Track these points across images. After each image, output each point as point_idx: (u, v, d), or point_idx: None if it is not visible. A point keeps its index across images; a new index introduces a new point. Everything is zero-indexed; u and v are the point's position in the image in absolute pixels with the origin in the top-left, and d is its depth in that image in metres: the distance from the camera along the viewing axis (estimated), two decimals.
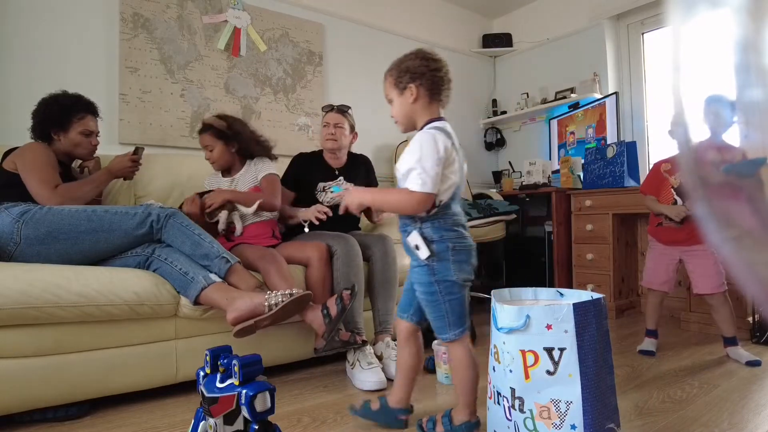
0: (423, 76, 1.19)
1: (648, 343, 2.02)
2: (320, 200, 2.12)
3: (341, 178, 2.16)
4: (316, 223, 1.94)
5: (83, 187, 1.71)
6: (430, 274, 1.16)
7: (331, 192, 2.10)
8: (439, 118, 1.22)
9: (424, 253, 1.14)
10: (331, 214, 1.94)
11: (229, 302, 1.50)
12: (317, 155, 2.23)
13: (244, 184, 2.00)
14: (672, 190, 1.97)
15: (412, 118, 1.23)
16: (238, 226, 1.89)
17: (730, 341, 1.91)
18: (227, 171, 2.07)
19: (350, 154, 2.28)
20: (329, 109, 2.17)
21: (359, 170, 2.26)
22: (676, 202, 1.96)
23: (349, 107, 2.21)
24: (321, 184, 2.15)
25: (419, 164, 1.11)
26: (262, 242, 1.92)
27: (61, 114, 1.73)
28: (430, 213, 1.15)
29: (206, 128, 2.01)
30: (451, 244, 1.15)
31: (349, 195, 1.22)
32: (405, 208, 1.15)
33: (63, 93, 1.77)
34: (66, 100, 1.76)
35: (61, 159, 1.76)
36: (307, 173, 2.17)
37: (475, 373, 1.20)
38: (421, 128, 1.20)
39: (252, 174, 2.02)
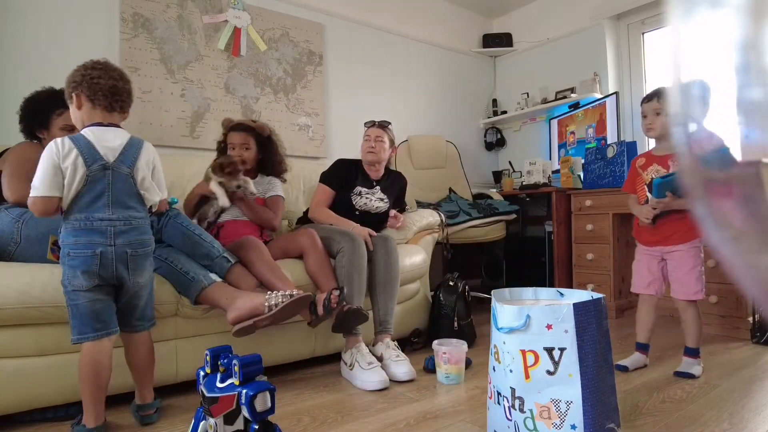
0: (81, 84, 1.27)
1: (631, 359, 1.81)
2: (354, 203, 2.18)
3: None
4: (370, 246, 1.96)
5: None
6: (61, 277, 1.23)
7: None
8: (97, 123, 1.29)
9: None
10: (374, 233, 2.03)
11: (229, 302, 1.50)
12: (357, 163, 2.28)
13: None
14: (645, 186, 1.81)
15: (83, 124, 1.29)
16: (223, 200, 1.87)
17: (686, 351, 1.75)
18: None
19: (389, 170, 2.35)
20: (371, 124, 2.25)
21: (395, 186, 2.33)
22: (648, 200, 1.77)
23: (389, 123, 2.27)
24: (359, 188, 2.20)
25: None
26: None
27: (39, 111, 1.69)
28: (65, 218, 1.23)
29: (249, 129, 2.07)
30: (67, 249, 1.21)
31: None
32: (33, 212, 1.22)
33: (44, 89, 1.72)
34: (43, 96, 1.70)
35: None
36: (348, 178, 2.22)
37: (90, 382, 1.21)
38: None
39: (261, 187, 2.08)
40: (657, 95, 1.79)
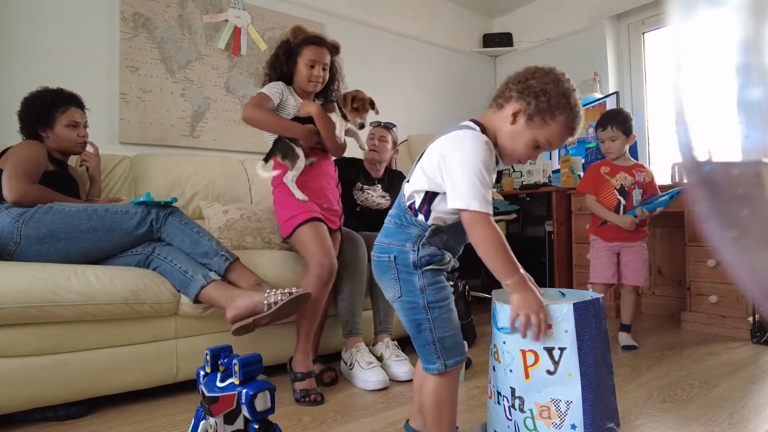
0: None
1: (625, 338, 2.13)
2: (355, 198, 2.20)
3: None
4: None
5: (54, 197, 1.61)
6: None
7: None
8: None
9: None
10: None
11: (228, 300, 1.50)
12: (358, 162, 2.30)
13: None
14: (615, 191, 2.10)
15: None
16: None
17: (624, 328, 2.14)
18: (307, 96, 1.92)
19: (390, 169, 2.36)
20: (376, 124, 2.29)
21: (395, 185, 2.33)
22: (619, 202, 2.08)
23: (394, 125, 2.31)
24: (359, 184, 2.22)
25: None
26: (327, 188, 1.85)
27: (43, 110, 1.71)
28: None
29: (332, 49, 1.90)
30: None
31: None
32: None
33: (43, 89, 1.75)
34: (46, 95, 1.73)
35: (57, 157, 1.75)
36: (350, 173, 2.23)
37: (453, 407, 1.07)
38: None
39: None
40: (609, 123, 2.08)
